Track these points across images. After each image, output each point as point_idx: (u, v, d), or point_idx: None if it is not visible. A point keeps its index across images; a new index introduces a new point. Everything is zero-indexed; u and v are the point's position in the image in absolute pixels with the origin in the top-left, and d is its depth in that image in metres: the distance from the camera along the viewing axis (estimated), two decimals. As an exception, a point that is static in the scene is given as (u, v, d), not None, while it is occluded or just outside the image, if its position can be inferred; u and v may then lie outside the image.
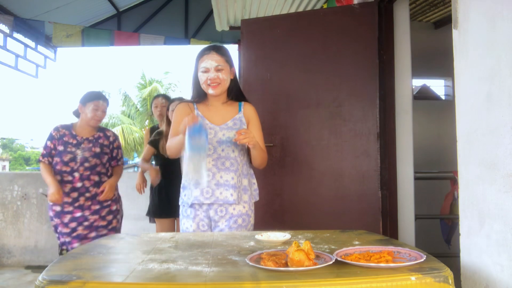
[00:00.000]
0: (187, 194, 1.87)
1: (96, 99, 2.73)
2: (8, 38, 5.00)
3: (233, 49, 5.84)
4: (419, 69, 3.37)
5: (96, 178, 2.63)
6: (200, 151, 1.59)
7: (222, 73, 1.86)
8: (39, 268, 3.97)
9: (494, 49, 1.41)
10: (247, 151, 1.93)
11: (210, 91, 1.87)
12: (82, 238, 2.57)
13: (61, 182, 2.57)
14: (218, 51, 1.88)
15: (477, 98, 1.49)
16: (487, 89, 1.44)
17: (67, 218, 2.57)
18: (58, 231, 2.62)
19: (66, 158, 2.59)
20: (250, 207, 1.89)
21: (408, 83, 2.85)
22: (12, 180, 4.28)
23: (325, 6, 3.84)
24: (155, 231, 3.13)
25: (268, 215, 2.80)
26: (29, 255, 4.20)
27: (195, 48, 5.85)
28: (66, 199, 2.57)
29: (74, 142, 2.65)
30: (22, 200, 4.24)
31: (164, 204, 3.04)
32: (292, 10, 4.20)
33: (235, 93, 1.96)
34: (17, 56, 5.22)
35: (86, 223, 2.59)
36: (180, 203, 1.93)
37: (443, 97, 4.77)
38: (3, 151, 36.99)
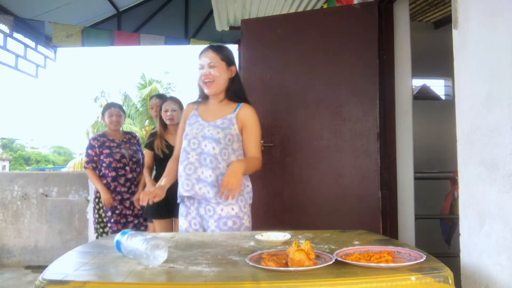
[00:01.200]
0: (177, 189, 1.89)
1: (109, 108, 3.38)
2: (8, 38, 5.01)
3: (233, 49, 5.83)
4: (419, 69, 3.36)
5: (139, 169, 3.32)
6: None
7: (215, 70, 1.86)
8: (39, 268, 3.97)
9: (494, 49, 1.41)
10: (240, 153, 1.90)
11: (205, 89, 1.89)
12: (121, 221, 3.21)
13: (117, 176, 3.19)
14: (214, 49, 1.90)
15: (477, 98, 1.49)
16: (487, 89, 1.44)
17: (127, 203, 3.22)
18: (107, 216, 3.16)
19: (117, 156, 3.22)
20: (241, 209, 1.85)
21: (408, 83, 2.85)
22: (12, 180, 4.28)
23: (325, 6, 3.84)
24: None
25: (268, 215, 2.80)
26: (29, 255, 4.20)
27: (195, 48, 5.85)
28: (123, 189, 3.20)
29: (115, 144, 3.28)
30: (22, 200, 4.24)
31: (161, 204, 3.01)
32: (292, 10, 4.20)
33: (234, 93, 1.94)
34: (17, 56, 5.22)
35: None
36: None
37: (443, 97, 4.78)
38: (3, 151, 36.99)
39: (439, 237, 3.37)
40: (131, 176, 3.27)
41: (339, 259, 1.09)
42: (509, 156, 1.33)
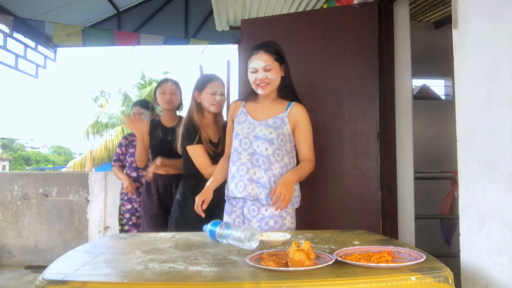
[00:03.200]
0: (227, 188, 1.90)
1: (134, 105, 3.30)
2: (8, 38, 5.01)
3: (233, 49, 5.85)
4: (419, 69, 3.37)
5: None
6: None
7: (271, 72, 1.84)
8: (39, 268, 3.97)
9: (494, 49, 1.41)
10: (292, 154, 1.90)
11: (259, 91, 1.86)
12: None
13: (138, 177, 3.10)
14: (267, 50, 1.86)
15: (477, 98, 1.49)
16: (487, 89, 1.44)
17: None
18: (125, 218, 3.12)
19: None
20: (285, 210, 1.84)
21: (408, 83, 2.85)
22: (12, 180, 4.28)
23: (325, 6, 3.84)
24: None
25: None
26: (29, 255, 4.20)
27: (195, 48, 5.85)
28: None
29: None
30: (22, 200, 4.24)
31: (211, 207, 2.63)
32: (292, 10, 4.20)
33: (286, 91, 1.92)
34: (17, 56, 5.22)
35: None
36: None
37: (443, 97, 4.78)
38: (3, 151, 36.98)
39: (439, 237, 3.37)
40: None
41: (339, 259, 1.09)
42: (509, 156, 1.33)
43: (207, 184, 1.92)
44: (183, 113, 2.77)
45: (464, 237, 1.56)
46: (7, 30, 4.94)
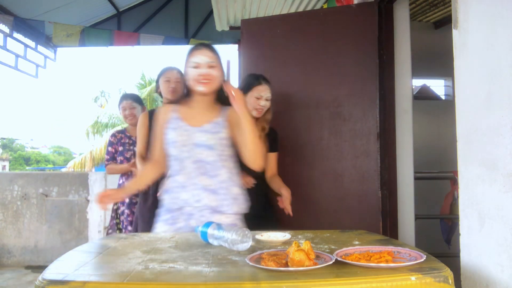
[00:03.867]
0: (174, 198, 1.74)
1: (120, 101, 3.04)
2: (8, 38, 5.01)
3: (233, 49, 5.84)
4: (419, 69, 3.37)
5: None
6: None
7: (215, 70, 1.72)
8: (39, 268, 3.97)
9: (494, 49, 1.41)
10: (236, 158, 1.81)
11: (199, 87, 1.72)
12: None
13: (127, 177, 2.97)
14: (211, 49, 1.76)
15: (477, 98, 1.49)
16: (487, 89, 1.44)
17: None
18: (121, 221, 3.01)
19: (128, 154, 3.04)
20: (238, 217, 1.78)
21: (408, 83, 2.85)
22: (12, 180, 4.28)
23: (325, 6, 3.84)
24: None
25: (268, 215, 2.80)
26: (29, 255, 4.20)
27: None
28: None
29: (131, 141, 3.06)
30: (22, 200, 4.24)
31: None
32: (292, 10, 4.20)
33: (222, 96, 1.79)
34: (17, 56, 5.22)
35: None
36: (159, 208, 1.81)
37: (443, 97, 4.78)
38: (3, 151, 36.99)
39: (439, 237, 3.37)
40: None
41: (339, 259, 1.09)
42: (509, 156, 1.33)
43: (127, 184, 1.85)
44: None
45: (464, 237, 1.56)
46: (7, 30, 4.94)
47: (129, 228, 2.95)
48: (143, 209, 2.56)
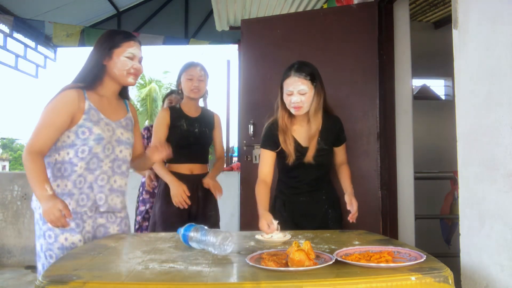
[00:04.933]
0: (78, 202, 1.55)
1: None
2: (8, 38, 5.02)
3: (233, 49, 5.84)
4: (419, 69, 3.36)
5: None
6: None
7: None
8: (39, 268, 3.97)
9: (494, 49, 1.41)
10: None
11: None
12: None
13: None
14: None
15: (477, 98, 1.49)
16: (487, 89, 1.44)
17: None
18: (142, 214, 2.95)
19: None
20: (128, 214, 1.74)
21: (408, 83, 2.85)
22: (12, 180, 4.28)
23: (325, 6, 3.84)
24: None
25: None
26: (29, 255, 4.20)
27: (195, 47, 5.86)
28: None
29: None
30: (22, 200, 4.24)
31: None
32: (292, 10, 4.20)
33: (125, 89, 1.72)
34: (17, 56, 5.23)
35: None
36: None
37: (443, 97, 4.78)
38: (3, 151, 36.99)
39: (439, 237, 3.37)
40: None
41: (339, 259, 1.09)
42: (509, 156, 1.33)
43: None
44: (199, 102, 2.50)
45: (464, 237, 1.56)
46: (7, 30, 4.95)
47: (140, 225, 2.94)
48: (165, 212, 2.30)
